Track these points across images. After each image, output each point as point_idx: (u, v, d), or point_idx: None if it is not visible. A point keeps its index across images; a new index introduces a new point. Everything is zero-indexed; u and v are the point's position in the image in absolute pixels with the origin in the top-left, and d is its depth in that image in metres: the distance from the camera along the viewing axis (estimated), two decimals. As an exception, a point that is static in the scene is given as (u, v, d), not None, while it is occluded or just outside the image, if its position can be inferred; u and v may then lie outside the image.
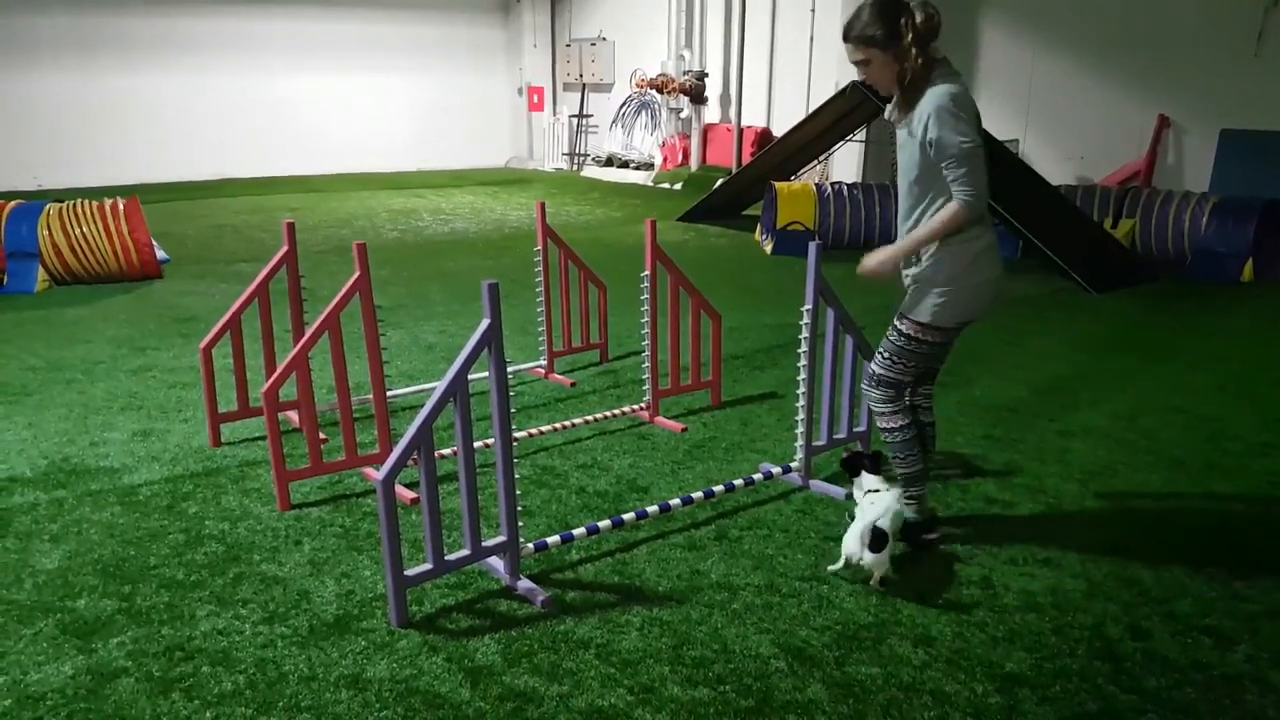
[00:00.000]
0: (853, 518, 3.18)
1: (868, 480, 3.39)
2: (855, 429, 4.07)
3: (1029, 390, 5.17)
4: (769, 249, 9.37)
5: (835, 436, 3.98)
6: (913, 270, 3.17)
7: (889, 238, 3.34)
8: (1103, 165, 10.84)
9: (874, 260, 3.14)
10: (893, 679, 2.64)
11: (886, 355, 3.27)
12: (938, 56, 2.99)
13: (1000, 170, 8.18)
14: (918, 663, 2.72)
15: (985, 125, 3.27)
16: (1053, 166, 10.92)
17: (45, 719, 2.47)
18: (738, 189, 11.15)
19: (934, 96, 2.93)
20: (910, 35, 2.93)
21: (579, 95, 17.81)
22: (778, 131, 13.71)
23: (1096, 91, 10.90)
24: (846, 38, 3.05)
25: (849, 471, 3.50)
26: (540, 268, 5.19)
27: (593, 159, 17.50)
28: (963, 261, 3.06)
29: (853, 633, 2.86)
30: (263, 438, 4.26)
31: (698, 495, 3.68)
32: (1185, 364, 5.68)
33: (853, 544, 3.07)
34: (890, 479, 3.40)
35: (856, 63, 3.07)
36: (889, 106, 3.14)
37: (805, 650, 2.77)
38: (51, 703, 2.54)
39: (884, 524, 3.07)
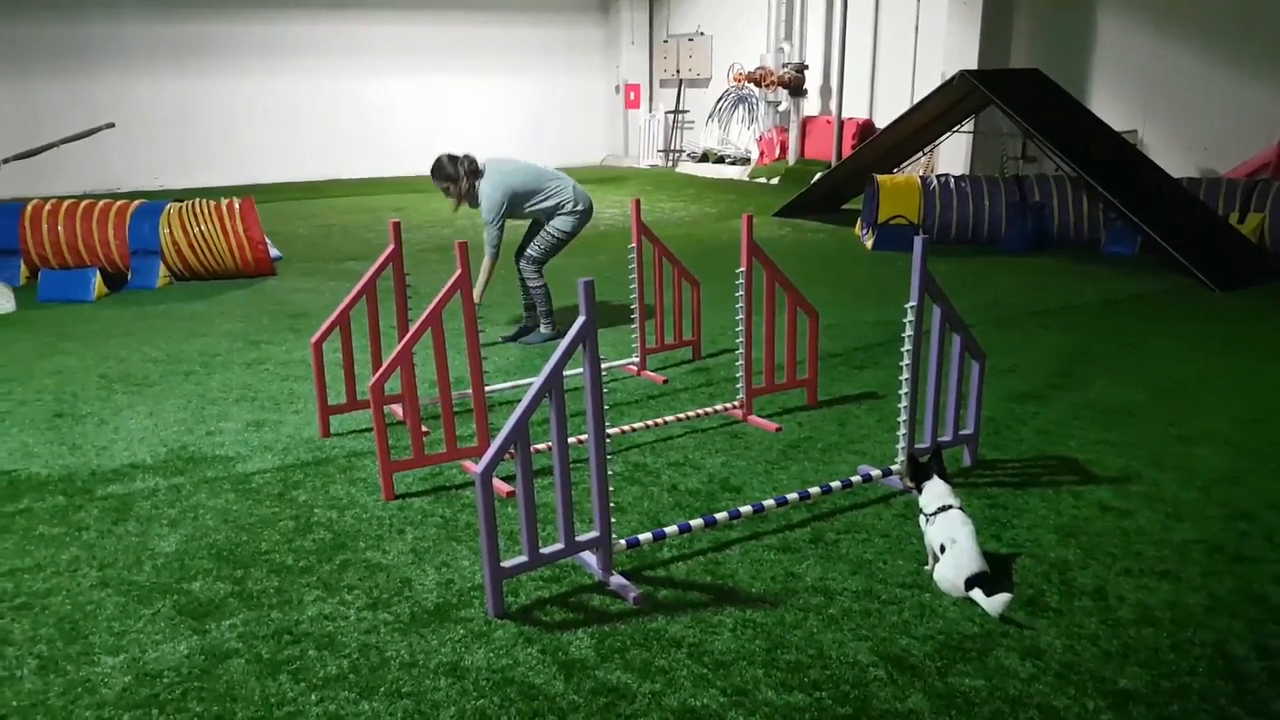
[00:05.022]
0: (940, 552, 3.04)
1: (936, 490, 3.17)
2: (961, 431, 3.94)
3: (1147, 393, 4.92)
4: (869, 244, 9.17)
5: (940, 439, 3.86)
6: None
7: (998, 231, 3.37)
8: (1229, 156, 10.24)
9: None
10: (998, 692, 2.55)
11: (541, 249, 6.04)
12: (479, 172, 5.59)
13: (1117, 162, 7.91)
14: (1025, 675, 2.61)
15: (1100, 115, 3.30)
16: (1174, 158, 10.36)
17: (162, 696, 2.60)
18: (836, 183, 10.95)
19: (481, 197, 5.58)
20: (464, 174, 5.55)
21: (675, 91, 17.80)
22: (880, 124, 13.42)
23: (1222, 78, 10.30)
24: (433, 177, 5.63)
25: (914, 477, 3.27)
26: (634, 264, 5.20)
27: (688, 155, 17.47)
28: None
29: (956, 643, 2.77)
30: (369, 430, 4.38)
31: (793, 496, 3.61)
32: (1321, 367, 5.32)
33: (951, 582, 2.98)
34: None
35: (443, 190, 5.68)
36: (462, 204, 5.76)
37: (905, 659, 2.70)
38: (168, 680, 2.66)
39: (977, 560, 2.95)
